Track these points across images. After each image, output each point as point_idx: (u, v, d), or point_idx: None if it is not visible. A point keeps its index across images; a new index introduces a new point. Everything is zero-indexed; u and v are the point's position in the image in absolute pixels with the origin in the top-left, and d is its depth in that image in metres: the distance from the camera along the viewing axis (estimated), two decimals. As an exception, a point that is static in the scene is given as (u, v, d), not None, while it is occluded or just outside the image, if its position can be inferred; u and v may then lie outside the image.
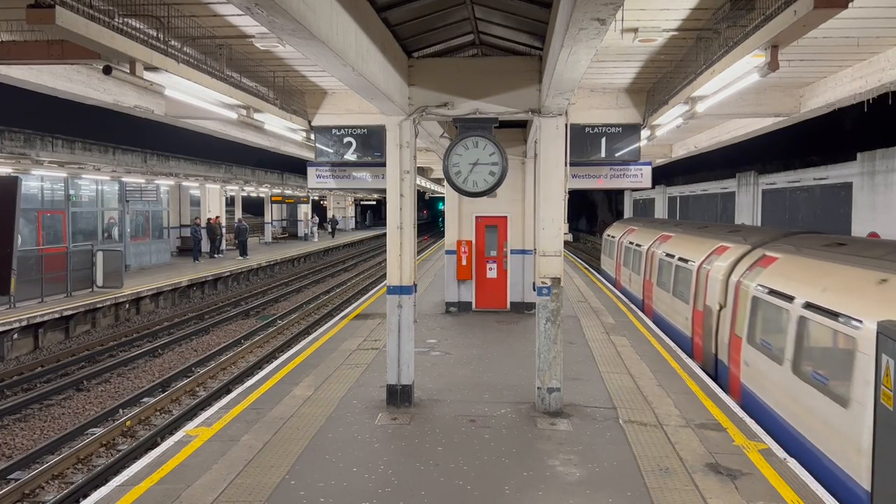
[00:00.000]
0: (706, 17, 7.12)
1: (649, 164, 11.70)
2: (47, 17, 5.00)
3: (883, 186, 16.46)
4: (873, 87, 8.79)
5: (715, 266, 10.40)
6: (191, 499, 5.69)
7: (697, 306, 11.02)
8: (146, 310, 19.61)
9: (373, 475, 6.19)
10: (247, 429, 7.42)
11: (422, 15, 7.38)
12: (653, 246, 15.46)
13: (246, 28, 7.78)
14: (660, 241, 15.12)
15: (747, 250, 9.63)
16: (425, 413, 8.01)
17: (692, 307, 11.30)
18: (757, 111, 11.07)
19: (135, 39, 6.18)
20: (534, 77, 8.28)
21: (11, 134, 17.52)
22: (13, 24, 6.78)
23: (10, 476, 8.34)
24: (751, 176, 24.95)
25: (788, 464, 6.36)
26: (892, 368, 4.25)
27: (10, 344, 14.10)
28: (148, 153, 25.74)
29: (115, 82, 10.01)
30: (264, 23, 4.29)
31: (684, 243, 13.13)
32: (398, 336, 8.35)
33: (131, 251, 24.67)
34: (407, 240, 8.38)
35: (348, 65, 5.57)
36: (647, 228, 18.04)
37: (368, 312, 15.32)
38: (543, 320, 8.13)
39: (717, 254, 10.72)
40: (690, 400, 8.43)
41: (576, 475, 6.18)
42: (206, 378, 12.72)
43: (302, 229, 48.99)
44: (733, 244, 10.40)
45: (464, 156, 8.00)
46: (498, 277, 15.34)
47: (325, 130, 10.78)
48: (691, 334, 11.35)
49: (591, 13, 4.22)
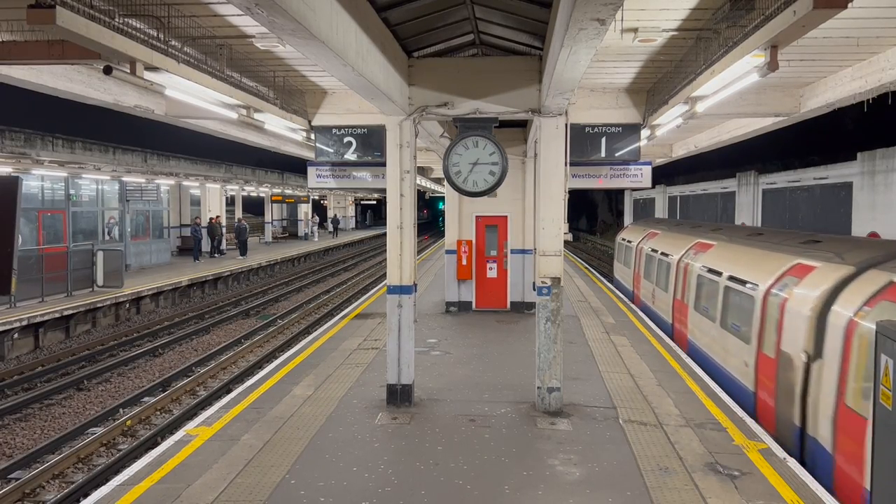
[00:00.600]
0: (706, 17, 7.13)
1: (649, 163, 11.71)
2: (48, 18, 5.01)
3: (883, 186, 16.46)
4: (873, 87, 8.79)
5: (796, 295, 7.31)
6: (191, 498, 5.70)
7: (765, 349, 7.93)
8: (146, 309, 19.62)
9: (373, 475, 6.20)
10: (247, 428, 7.42)
11: (422, 15, 7.38)
12: (686, 256, 12.29)
13: (246, 28, 7.79)
14: (696, 251, 11.93)
15: (850, 273, 6.67)
16: (425, 412, 8.02)
17: (756, 350, 8.21)
18: (757, 111, 11.07)
19: (135, 39, 6.18)
20: (534, 77, 8.29)
21: (12, 133, 17.52)
22: (14, 25, 6.78)
23: (10, 475, 8.35)
24: (751, 176, 24.95)
25: (788, 464, 6.37)
26: (892, 368, 4.25)
27: (10, 343, 14.11)
28: (148, 153, 25.75)
29: (115, 82, 10.02)
30: (264, 23, 4.29)
31: (736, 256, 9.94)
32: (398, 336, 8.35)
33: (131, 251, 24.68)
34: (407, 239, 8.39)
35: (348, 65, 5.58)
36: (676, 233, 14.52)
37: (368, 312, 15.33)
38: (543, 320, 8.14)
39: (794, 275, 7.69)
40: (690, 399, 8.44)
41: (575, 475, 6.19)
42: (206, 377, 12.72)
43: (302, 229, 49.01)
44: (821, 262, 7.38)
45: (464, 155, 8.00)
46: (498, 277, 15.35)
47: (326, 130, 10.79)
48: (753, 387, 8.24)
49: (591, 13, 4.22)
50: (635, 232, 18.94)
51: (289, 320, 18.56)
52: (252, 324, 18.43)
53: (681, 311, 12.14)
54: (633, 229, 19.79)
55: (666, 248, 14.09)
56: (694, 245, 12.37)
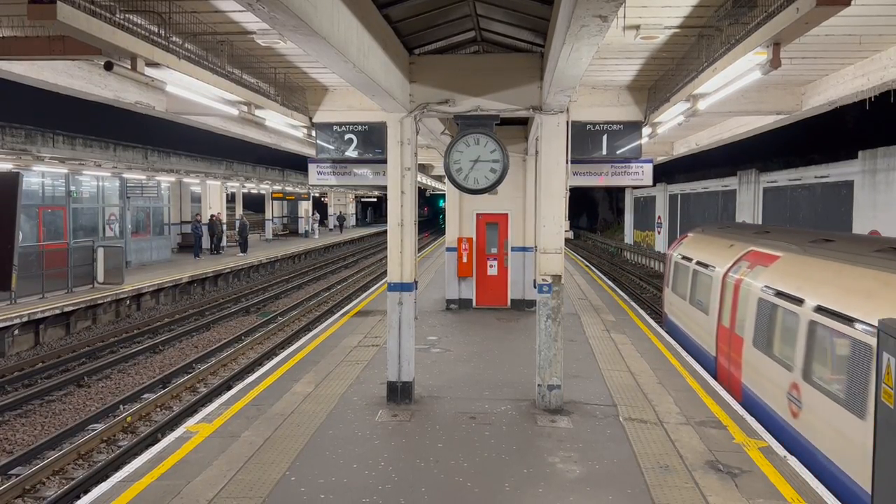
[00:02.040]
0: (708, 14, 7.11)
1: (650, 161, 11.70)
2: (49, 13, 5.00)
3: (884, 185, 16.45)
4: (875, 85, 8.77)
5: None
6: (191, 495, 5.70)
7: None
8: (147, 306, 19.62)
9: (373, 472, 6.20)
10: (247, 425, 7.42)
11: (423, 12, 7.37)
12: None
13: (247, 24, 7.78)
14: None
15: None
16: (426, 410, 8.02)
17: None
18: (758, 109, 11.05)
19: (136, 35, 6.17)
20: (535, 74, 8.27)
21: (12, 130, 17.53)
22: (14, 20, 6.77)
23: (10, 472, 8.35)
24: (752, 174, 24.93)
25: (789, 462, 6.36)
26: (894, 366, 4.24)
27: (10, 340, 14.11)
28: (149, 149, 25.76)
29: (116, 78, 10.01)
30: (266, 19, 4.28)
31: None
32: (399, 333, 8.35)
33: (132, 247, 24.67)
34: (408, 237, 8.38)
35: (349, 61, 5.56)
36: (819, 258, 7.46)
37: (369, 309, 15.32)
38: (544, 318, 8.13)
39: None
40: (691, 397, 8.44)
41: (576, 472, 6.19)
42: (206, 374, 12.72)
43: (302, 226, 49.00)
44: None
45: (465, 153, 8.00)
46: (498, 275, 15.34)
47: (327, 127, 10.78)
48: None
49: (593, 10, 4.20)
50: (709, 247, 11.32)
51: (289, 317, 18.56)
52: (252, 321, 18.43)
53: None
54: (703, 240, 12.15)
55: (827, 295, 6.61)
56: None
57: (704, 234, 12.80)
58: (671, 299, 13.36)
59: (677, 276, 12.91)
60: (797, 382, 6.79)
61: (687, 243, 13.03)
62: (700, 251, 11.66)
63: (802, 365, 6.73)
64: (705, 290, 10.61)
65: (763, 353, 7.87)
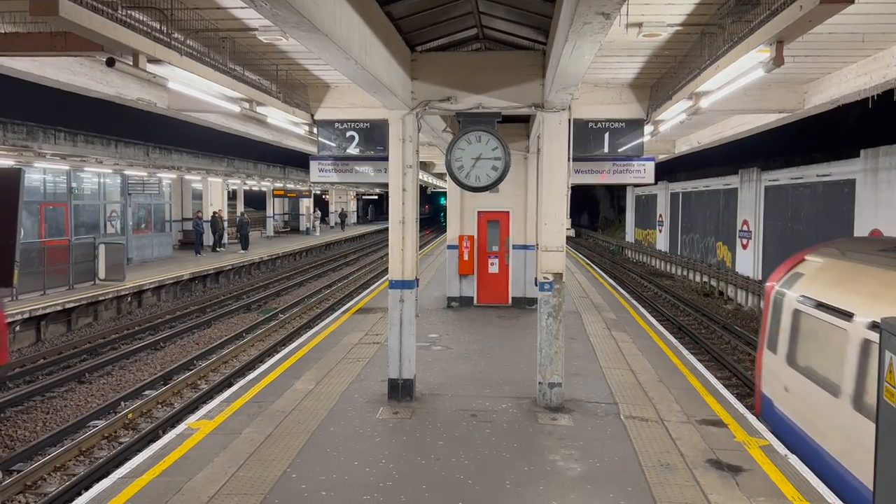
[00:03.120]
0: (711, 11, 7.09)
1: (652, 159, 11.66)
2: (51, 9, 4.99)
3: (886, 183, 16.41)
4: (878, 84, 8.75)
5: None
6: (192, 491, 5.71)
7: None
8: (148, 303, 19.63)
9: (374, 469, 6.20)
10: (248, 422, 7.43)
11: (425, 8, 7.36)
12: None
13: (249, 21, 7.77)
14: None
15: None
16: (427, 407, 8.02)
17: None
18: (760, 107, 11.03)
19: (138, 31, 6.17)
20: (537, 72, 8.26)
21: (14, 126, 17.53)
22: (17, 16, 6.77)
23: (12, 468, 8.36)
24: (753, 172, 24.87)
25: (789, 460, 6.36)
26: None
27: (12, 336, 14.12)
28: (150, 146, 25.76)
29: (118, 75, 10.01)
30: (268, 15, 4.28)
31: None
32: (400, 330, 8.35)
33: (133, 244, 24.68)
34: (409, 234, 8.38)
35: (351, 58, 5.56)
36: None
37: (370, 307, 15.33)
38: (545, 316, 8.13)
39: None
40: (692, 396, 8.43)
41: (577, 470, 6.19)
42: (207, 371, 12.73)
43: (304, 223, 48.99)
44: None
45: (467, 150, 7.99)
46: (499, 272, 15.34)
47: (328, 124, 10.77)
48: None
49: (596, 7, 4.20)
50: (876, 284, 5.80)
51: (290, 315, 18.57)
52: (253, 318, 18.44)
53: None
54: (854, 272, 6.33)
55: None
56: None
57: (846, 258, 6.75)
58: (784, 375, 7.08)
59: (800, 337, 6.88)
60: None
61: (814, 275, 6.94)
62: (852, 292, 6.03)
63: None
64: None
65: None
